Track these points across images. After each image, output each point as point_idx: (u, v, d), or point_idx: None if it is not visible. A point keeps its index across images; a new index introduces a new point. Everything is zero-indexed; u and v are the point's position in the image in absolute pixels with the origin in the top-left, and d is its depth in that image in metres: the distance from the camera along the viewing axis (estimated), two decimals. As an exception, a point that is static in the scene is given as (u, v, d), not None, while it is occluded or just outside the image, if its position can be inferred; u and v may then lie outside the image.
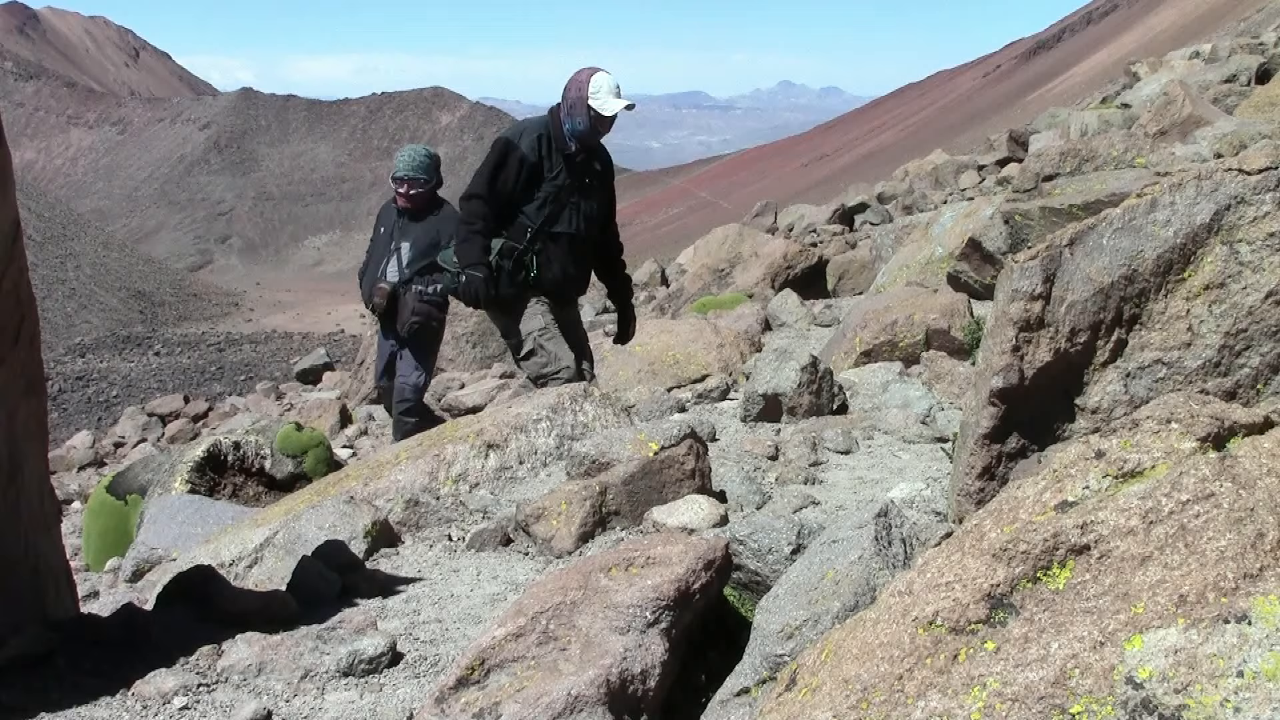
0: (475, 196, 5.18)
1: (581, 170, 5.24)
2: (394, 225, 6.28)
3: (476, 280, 5.10)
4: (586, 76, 5.12)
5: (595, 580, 2.15)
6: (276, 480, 6.23)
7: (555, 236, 5.21)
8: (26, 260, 2.52)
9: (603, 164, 5.42)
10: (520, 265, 5.17)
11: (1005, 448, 2.51)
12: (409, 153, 6.34)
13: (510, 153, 5.13)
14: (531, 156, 5.11)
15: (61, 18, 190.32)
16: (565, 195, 5.19)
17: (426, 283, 6.21)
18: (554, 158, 5.17)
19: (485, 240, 5.15)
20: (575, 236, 5.26)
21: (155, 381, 39.22)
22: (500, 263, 5.15)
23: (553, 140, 5.18)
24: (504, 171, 5.12)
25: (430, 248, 6.16)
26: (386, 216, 6.38)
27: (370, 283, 6.27)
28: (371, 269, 6.31)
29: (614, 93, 5.10)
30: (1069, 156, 6.75)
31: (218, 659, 2.42)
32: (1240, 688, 1.24)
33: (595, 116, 5.09)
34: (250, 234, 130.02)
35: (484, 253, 5.14)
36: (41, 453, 2.70)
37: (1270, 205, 2.34)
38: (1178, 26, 73.00)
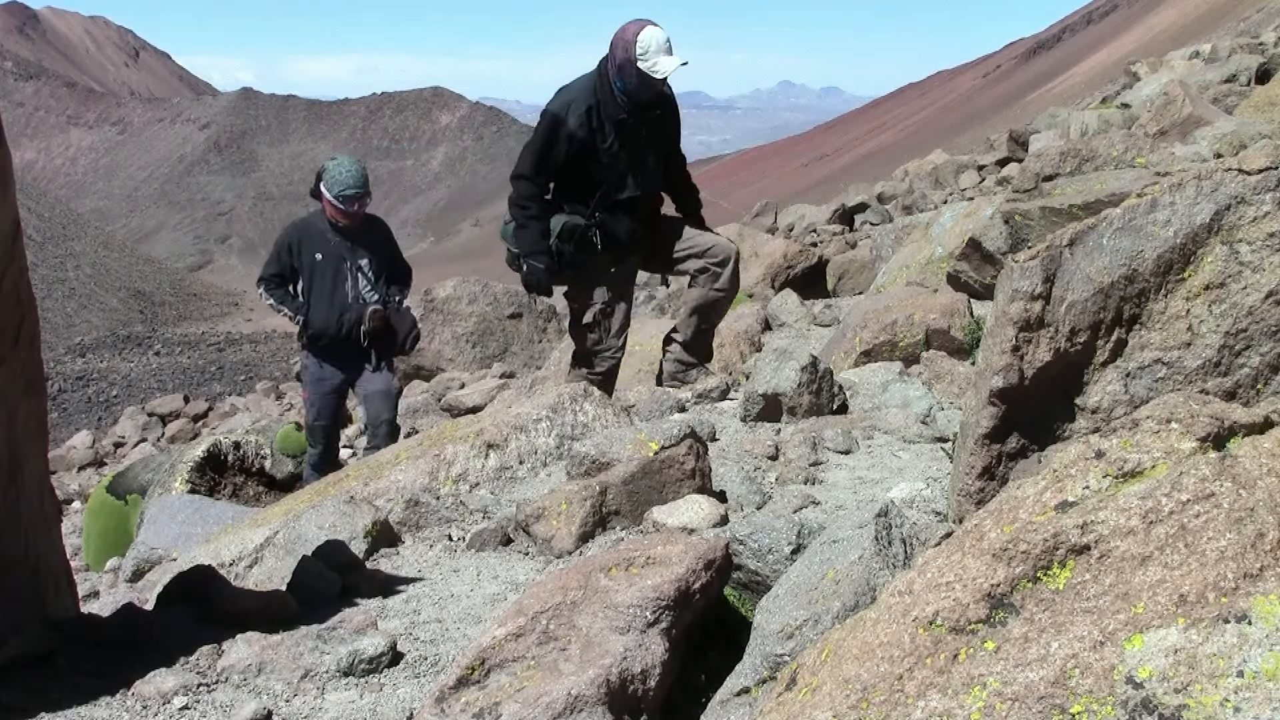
0: (523, 178, 4.90)
1: (638, 128, 4.87)
2: (335, 245, 5.77)
3: (538, 271, 4.89)
4: (634, 34, 4.70)
5: (595, 580, 2.15)
6: (276, 480, 6.24)
7: (618, 203, 4.93)
8: (26, 260, 2.52)
9: (664, 108, 5.00)
10: (585, 243, 4.91)
11: (1005, 448, 2.51)
12: (353, 167, 5.78)
13: (559, 129, 4.80)
14: (581, 131, 4.77)
15: (61, 18, 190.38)
16: (624, 161, 4.86)
17: (397, 293, 5.94)
18: (606, 127, 4.81)
19: (543, 224, 4.89)
20: (639, 198, 4.97)
21: (155, 381, 39.24)
22: (561, 246, 4.90)
23: (604, 107, 4.79)
24: (553, 150, 4.81)
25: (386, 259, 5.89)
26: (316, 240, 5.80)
27: (340, 310, 5.76)
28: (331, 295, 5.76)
29: (664, 50, 4.69)
30: (1069, 156, 6.75)
31: (218, 659, 2.42)
32: (1240, 687, 1.24)
33: (645, 79, 4.70)
34: (250, 234, 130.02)
35: (543, 237, 4.88)
36: (41, 453, 2.70)
37: (1270, 205, 2.34)
38: (1178, 26, 73.01)
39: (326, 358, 5.86)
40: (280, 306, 5.85)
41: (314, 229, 5.82)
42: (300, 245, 5.80)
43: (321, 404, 5.91)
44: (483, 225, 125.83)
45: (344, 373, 5.89)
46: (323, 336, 5.79)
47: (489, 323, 12.17)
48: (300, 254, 5.79)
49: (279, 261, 5.85)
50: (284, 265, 5.82)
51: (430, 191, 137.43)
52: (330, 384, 5.89)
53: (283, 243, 5.88)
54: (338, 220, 5.73)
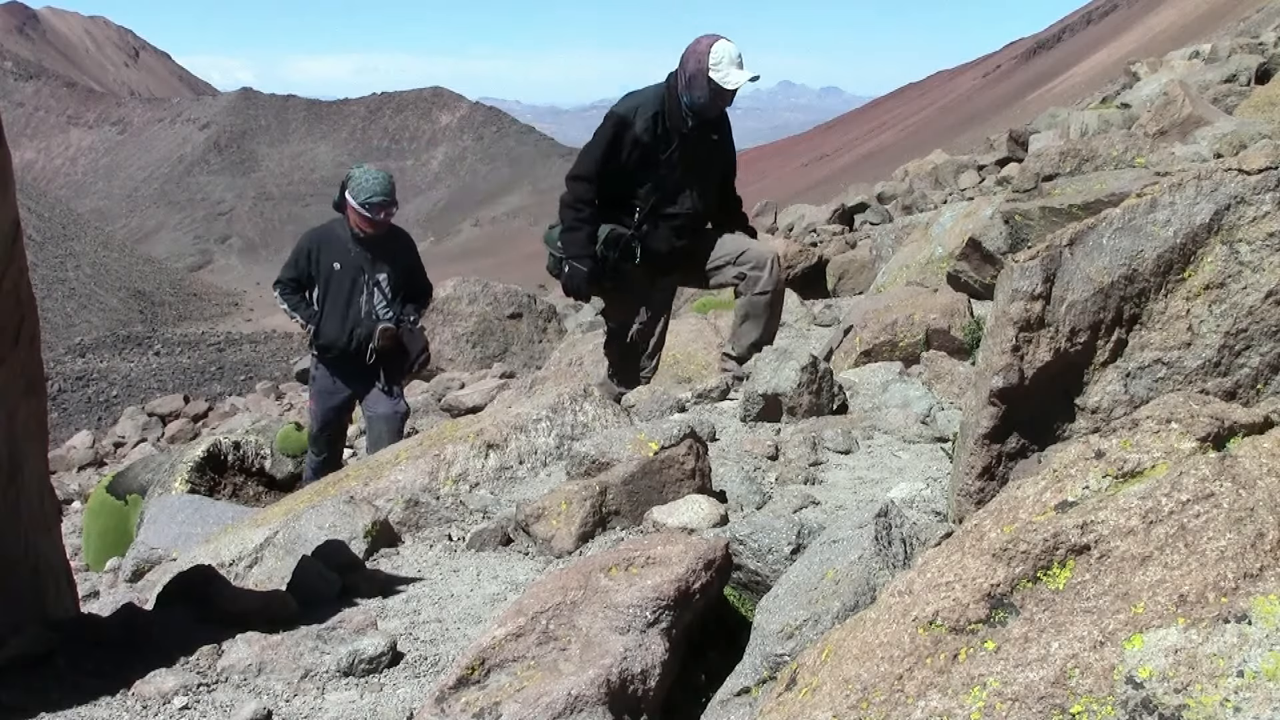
0: (583, 179, 4.85)
1: (698, 146, 4.88)
2: (355, 255, 5.63)
3: (580, 275, 4.86)
4: (706, 46, 4.74)
5: (595, 580, 2.15)
6: (276, 480, 6.24)
7: (666, 216, 4.92)
8: (26, 260, 2.52)
9: (720, 132, 5.04)
10: (627, 251, 4.90)
11: (1005, 448, 2.51)
12: (378, 176, 5.61)
13: (624, 132, 4.79)
14: (645, 137, 4.77)
15: (61, 18, 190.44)
16: (680, 174, 4.86)
17: (412, 312, 5.80)
18: (670, 137, 4.81)
19: (592, 228, 4.86)
20: (689, 215, 4.97)
21: (155, 381, 39.26)
22: (605, 253, 4.88)
23: (669, 117, 4.81)
24: (616, 153, 4.78)
25: (406, 273, 5.74)
26: (336, 248, 5.65)
27: (352, 324, 5.62)
28: (345, 307, 5.63)
29: (736, 63, 4.74)
30: (1069, 156, 6.75)
31: (218, 659, 2.42)
32: (1240, 687, 1.24)
33: (716, 90, 4.73)
34: (250, 234, 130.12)
35: (590, 242, 4.86)
36: (41, 453, 2.70)
37: (1270, 205, 2.34)
38: (1178, 26, 73.02)
39: (335, 370, 5.76)
40: (293, 313, 5.76)
41: (335, 237, 5.68)
42: (319, 252, 5.67)
43: (325, 417, 5.82)
44: (482, 225, 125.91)
45: (351, 387, 5.79)
46: (332, 349, 5.68)
47: (489, 323, 12.17)
48: (319, 261, 5.67)
49: (296, 266, 5.73)
50: (301, 271, 5.72)
51: (430, 191, 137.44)
52: (338, 398, 5.79)
53: (302, 248, 5.76)
54: (362, 229, 5.58)
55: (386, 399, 5.76)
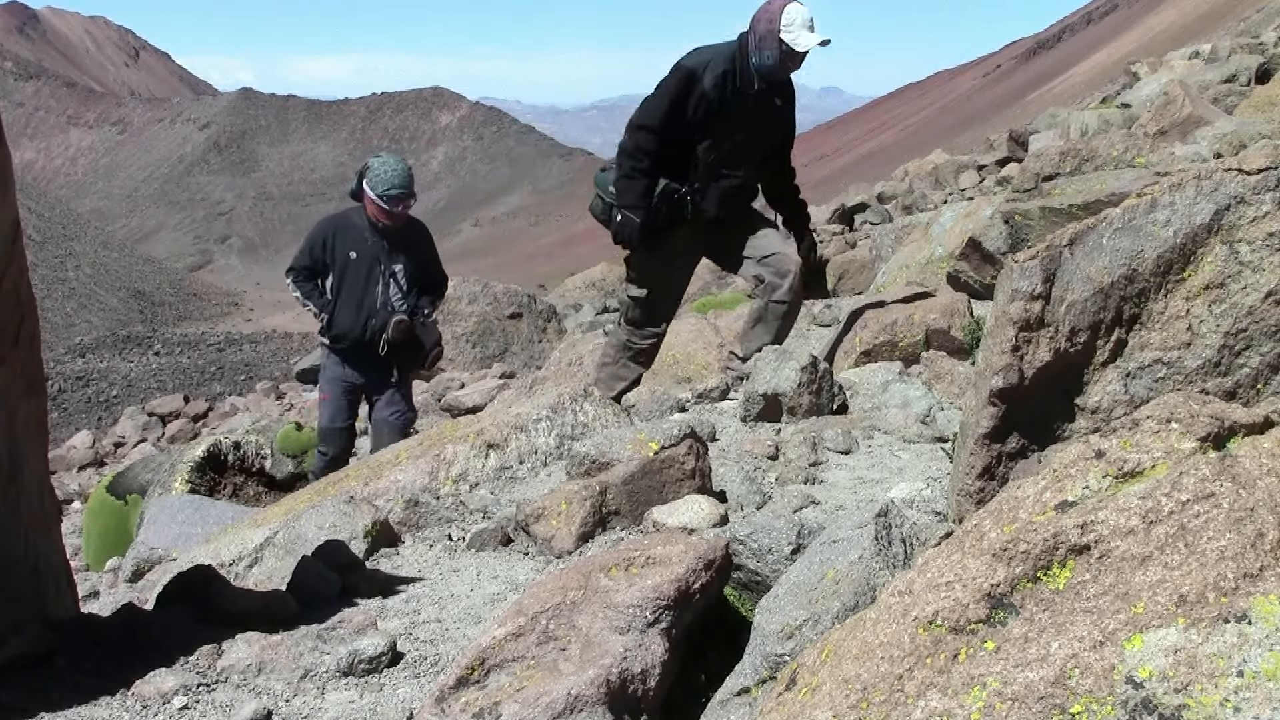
0: (646, 128, 4.76)
1: (761, 109, 4.83)
2: (372, 245, 5.56)
3: (632, 224, 4.80)
4: (779, 7, 4.68)
5: (595, 580, 2.15)
6: (276, 480, 6.24)
7: (722, 177, 4.86)
8: (26, 260, 2.52)
9: (784, 98, 4.96)
10: (678, 208, 4.85)
11: (1005, 448, 2.52)
12: (397, 168, 5.53)
13: (691, 86, 4.71)
14: (713, 94, 4.70)
15: (61, 18, 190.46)
16: (741, 136, 4.80)
17: (427, 305, 5.74)
18: (736, 96, 4.75)
19: (649, 180, 4.80)
20: (743, 180, 4.92)
21: (155, 381, 39.26)
22: (659, 205, 4.82)
23: (738, 76, 4.74)
24: (681, 106, 4.71)
25: (421, 265, 5.70)
26: (352, 237, 5.58)
27: (367, 315, 5.56)
28: (360, 298, 5.57)
29: (808, 26, 4.68)
30: (1069, 156, 6.74)
31: (218, 659, 2.42)
32: (1240, 687, 1.24)
33: (786, 52, 4.67)
34: (250, 234, 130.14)
35: (647, 194, 4.79)
36: (41, 453, 2.70)
37: (1270, 205, 2.34)
38: (1178, 26, 73.03)
39: (347, 360, 5.69)
40: (306, 301, 5.66)
41: (352, 225, 5.60)
42: (335, 240, 5.58)
43: (338, 403, 5.72)
44: (482, 225, 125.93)
45: (363, 379, 5.73)
46: (345, 339, 5.62)
47: (489, 323, 12.18)
48: (334, 249, 5.57)
49: (310, 254, 5.63)
50: (315, 259, 5.62)
51: (430, 191, 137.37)
52: (350, 383, 5.72)
53: (317, 235, 5.66)
54: (379, 220, 5.52)
55: (396, 403, 5.72)
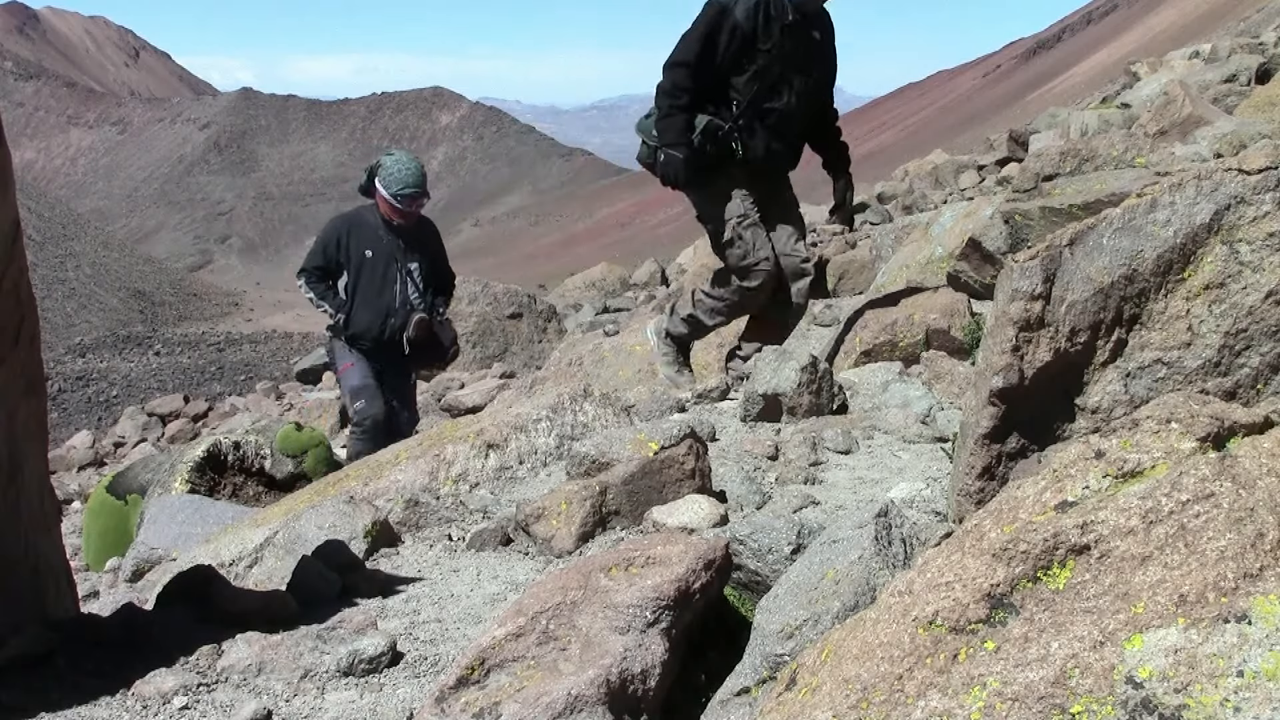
0: (681, 65, 4.76)
1: (798, 40, 4.80)
2: (388, 244, 5.52)
3: (676, 161, 4.77)
4: None
5: (595, 580, 2.15)
6: (276, 480, 6.22)
7: (765, 113, 4.82)
8: (26, 260, 2.52)
9: (823, 31, 4.95)
10: (724, 145, 4.82)
11: (1005, 448, 2.52)
12: (411, 167, 5.50)
13: (723, 19, 4.72)
14: (746, 25, 4.70)
15: (61, 18, 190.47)
16: (780, 68, 4.76)
17: (441, 304, 5.72)
18: (770, 26, 4.72)
19: (688, 116, 4.79)
20: (787, 113, 4.86)
21: (155, 381, 39.26)
22: (702, 142, 4.79)
23: (770, 5, 4.73)
24: (714, 40, 4.71)
25: (432, 263, 5.67)
26: (367, 235, 5.52)
27: (385, 314, 5.50)
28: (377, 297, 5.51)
29: None
30: (1069, 156, 6.74)
31: (218, 659, 2.42)
32: (1240, 687, 1.24)
33: None
34: (250, 234, 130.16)
35: (686, 130, 4.79)
36: (41, 453, 2.70)
37: (1270, 205, 2.34)
38: (1178, 26, 73.03)
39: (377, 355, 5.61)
40: (321, 302, 5.57)
41: (366, 224, 5.54)
42: (349, 239, 5.51)
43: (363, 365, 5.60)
44: (482, 225, 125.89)
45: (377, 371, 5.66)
46: (363, 338, 5.56)
47: (489, 323, 12.17)
48: (349, 249, 5.50)
49: (325, 254, 5.54)
50: (330, 259, 5.54)
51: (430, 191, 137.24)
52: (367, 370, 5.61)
53: (330, 235, 5.56)
54: (392, 219, 5.48)
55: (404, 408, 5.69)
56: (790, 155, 5.08)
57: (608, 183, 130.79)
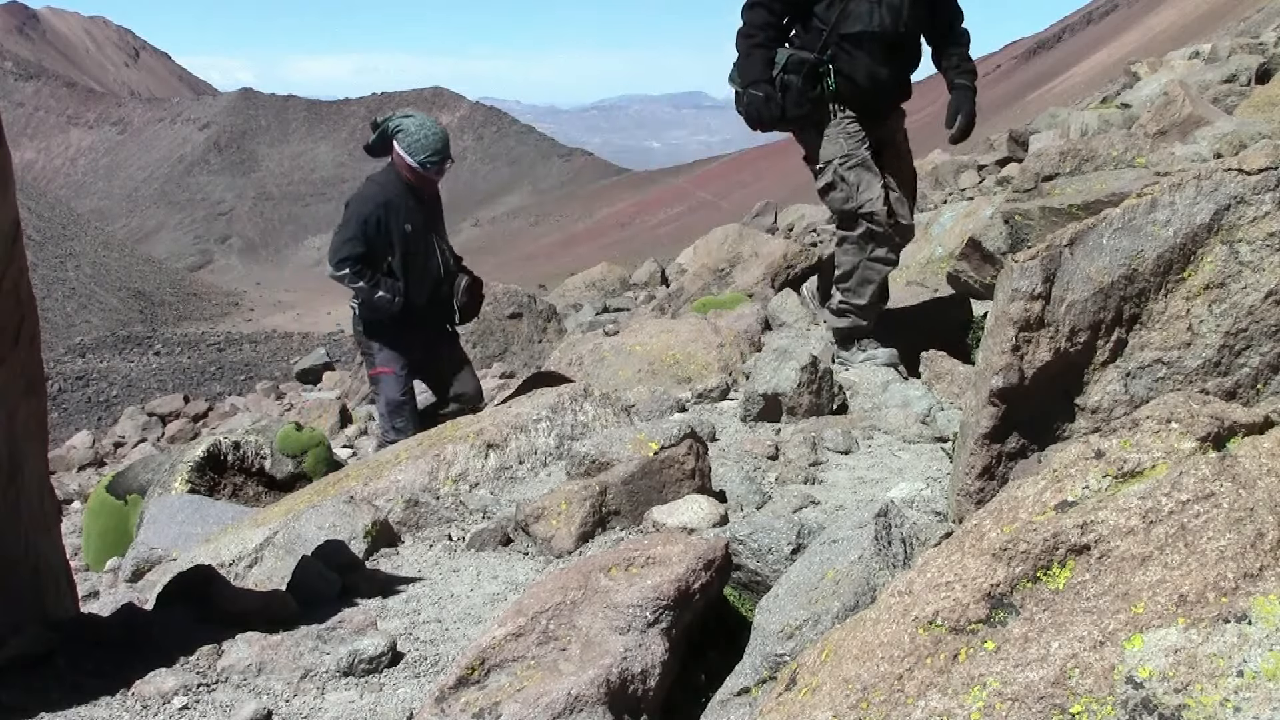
0: (757, 4, 4.58)
1: None
2: (420, 215, 5.34)
3: (757, 100, 4.54)
4: None
5: (595, 580, 2.15)
6: (276, 480, 6.22)
7: (853, 38, 4.52)
8: (26, 260, 2.52)
9: None
10: (813, 78, 4.53)
11: (1005, 447, 2.52)
12: (436, 132, 5.30)
13: None
14: None
15: (61, 18, 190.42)
16: None
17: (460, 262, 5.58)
18: None
19: (768, 52, 4.57)
20: (879, 35, 4.53)
21: (155, 381, 39.26)
22: (786, 78, 4.54)
23: None
24: None
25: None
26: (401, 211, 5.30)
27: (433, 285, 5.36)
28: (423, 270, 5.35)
29: None
30: (1069, 156, 6.74)
31: (218, 659, 2.42)
32: (1240, 687, 1.24)
33: None
34: (250, 234, 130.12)
35: (766, 67, 4.56)
36: (41, 453, 2.70)
37: (1270, 205, 2.34)
38: (1178, 26, 73.00)
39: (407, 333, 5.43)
40: (375, 290, 5.27)
41: (397, 198, 5.30)
42: (388, 216, 5.28)
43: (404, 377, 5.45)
44: (482, 225, 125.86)
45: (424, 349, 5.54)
46: (412, 312, 5.38)
47: (489, 323, 12.16)
48: (389, 227, 5.28)
49: (364, 239, 5.26)
50: (371, 242, 5.27)
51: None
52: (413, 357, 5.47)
53: (367, 217, 5.27)
54: (419, 186, 5.31)
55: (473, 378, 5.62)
56: (896, 87, 4.69)
57: (608, 183, 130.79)
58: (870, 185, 4.58)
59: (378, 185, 5.39)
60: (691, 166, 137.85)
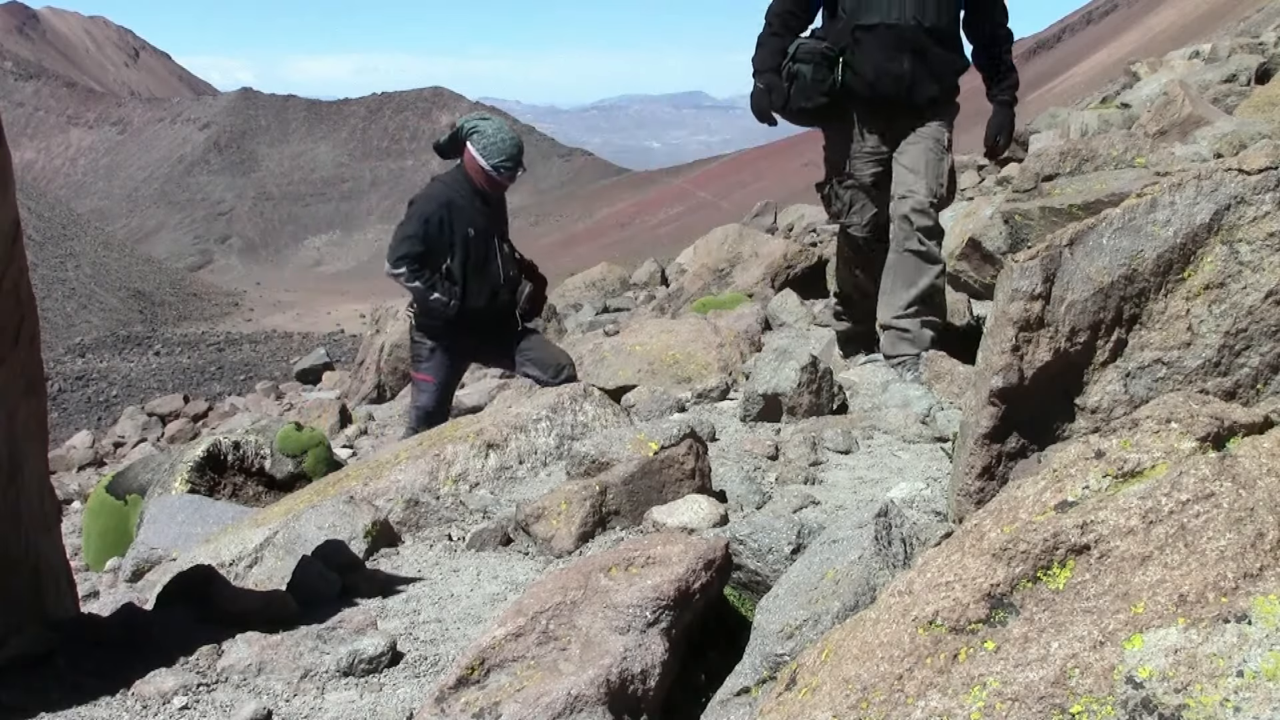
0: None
1: None
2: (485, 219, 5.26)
3: (758, 91, 4.38)
4: None
5: (595, 580, 2.15)
6: (276, 480, 6.22)
7: (869, 30, 4.30)
8: (26, 260, 2.52)
9: None
10: (824, 69, 4.32)
11: (1005, 447, 2.51)
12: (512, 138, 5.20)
13: None
14: None
15: (61, 18, 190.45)
16: None
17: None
18: None
19: (781, 41, 4.40)
20: (895, 28, 4.28)
21: (155, 381, 39.28)
22: (795, 67, 4.33)
23: None
24: None
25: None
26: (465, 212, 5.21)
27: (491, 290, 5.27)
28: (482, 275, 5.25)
29: None
30: (1069, 156, 6.74)
31: (218, 659, 2.42)
32: (1240, 687, 1.24)
33: None
34: (250, 234, 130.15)
35: (774, 56, 4.39)
36: (41, 453, 2.70)
37: (1270, 205, 2.34)
38: (1178, 26, 73.01)
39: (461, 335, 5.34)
40: (432, 292, 5.18)
41: (461, 199, 5.21)
42: (452, 219, 5.18)
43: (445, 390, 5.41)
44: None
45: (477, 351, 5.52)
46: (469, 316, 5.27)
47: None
48: (452, 229, 5.18)
49: (425, 239, 5.16)
50: (432, 242, 5.17)
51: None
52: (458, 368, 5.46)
53: (430, 216, 5.17)
54: (488, 190, 5.23)
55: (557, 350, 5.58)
56: (914, 82, 4.40)
57: (608, 183, 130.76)
58: (861, 211, 4.48)
59: (444, 185, 5.32)
60: (691, 166, 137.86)
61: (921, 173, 4.46)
